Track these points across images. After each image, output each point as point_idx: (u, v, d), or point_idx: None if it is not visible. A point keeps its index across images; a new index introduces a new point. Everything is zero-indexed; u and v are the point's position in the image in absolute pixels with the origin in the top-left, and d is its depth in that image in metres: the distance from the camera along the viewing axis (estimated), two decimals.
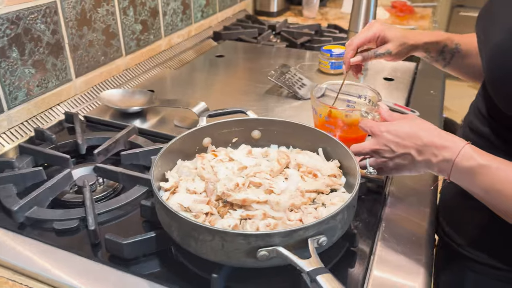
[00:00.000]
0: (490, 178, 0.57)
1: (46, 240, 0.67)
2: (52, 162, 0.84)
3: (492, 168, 0.57)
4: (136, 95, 1.04)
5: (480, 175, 0.57)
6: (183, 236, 0.57)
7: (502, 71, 0.60)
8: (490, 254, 0.72)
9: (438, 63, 0.88)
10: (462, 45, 0.84)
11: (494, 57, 0.62)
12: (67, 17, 0.99)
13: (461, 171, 0.59)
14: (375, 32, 0.83)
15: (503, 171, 0.56)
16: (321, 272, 0.48)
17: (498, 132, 0.69)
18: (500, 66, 0.61)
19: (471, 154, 0.58)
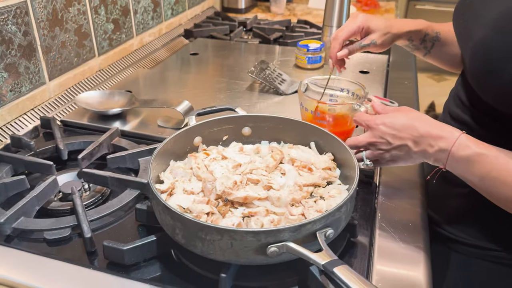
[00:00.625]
0: (486, 166, 0.58)
1: (37, 251, 0.64)
2: (33, 169, 0.80)
3: (489, 156, 0.58)
4: (115, 96, 1.01)
5: (476, 163, 0.59)
6: (189, 238, 0.56)
7: (486, 67, 0.62)
8: (473, 235, 0.76)
9: (419, 52, 0.90)
10: (441, 34, 0.87)
11: (477, 53, 0.64)
12: (39, 18, 0.95)
13: (457, 160, 0.60)
14: (359, 25, 0.84)
15: (499, 158, 0.58)
16: (336, 264, 0.48)
17: (478, 119, 0.72)
18: (484, 62, 0.63)
19: (467, 143, 0.59)
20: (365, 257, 0.63)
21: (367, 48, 0.86)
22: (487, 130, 0.70)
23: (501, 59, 0.60)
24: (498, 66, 0.60)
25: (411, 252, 0.64)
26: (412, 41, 0.87)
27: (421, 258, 0.63)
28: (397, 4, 2.16)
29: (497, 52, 0.60)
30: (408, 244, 0.65)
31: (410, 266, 0.62)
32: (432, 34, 0.87)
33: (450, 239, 0.79)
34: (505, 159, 0.58)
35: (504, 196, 0.58)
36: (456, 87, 0.80)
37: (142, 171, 0.79)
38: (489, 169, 0.58)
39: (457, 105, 0.77)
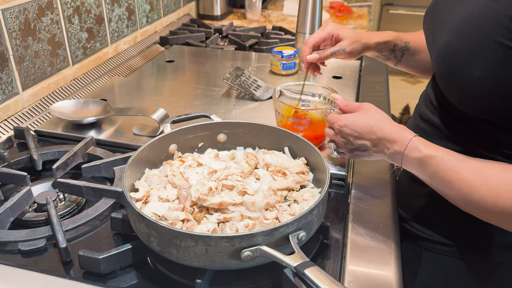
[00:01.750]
0: (433, 167, 0.62)
1: (12, 263, 0.64)
2: (7, 180, 0.80)
3: (436, 158, 0.62)
4: (89, 105, 1.01)
5: (425, 164, 0.63)
6: (164, 245, 0.57)
7: (450, 69, 0.65)
8: (440, 232, 0.79)
9: (390, 61, 0.94)
10: (411, 43, 0.90)
11: (442, 56, 0.67)
12: (10, 28, 0.94)
13: (410, 161, 0.65)
14: (329, 32, 0.87)
15: (445, 160, 0.62)
16: (307, 265, 0.50)
17: (447, 121, 0.75)
18: (448, 65, 0.66)
19: (417, 146, 0.64)
20: (337, 258, 0.65)
21: (337, 55, 0.88)
22: (454, 131, 0.74)
23: (463, 62, 0.63)
24: (460, 69, 0.63)
25: (382, 252, 0.66)
26: (381, 52, 0.91)
27: (392, 258, 0.65)
28: (369, 10, 2.21)
29: (459, 56, 0.63)
30: (379, 244, 0.67)
31: (382, 265, 0.64)
32: (401, 44, 0.90)
33: (419, 236, 0.82)
34: (451, 160, 0.61)
35: (450, 195, 0.62)
36: (427, 89, 0.83)
37: (117, 179, 0.79)
38: (436, 169, 0.62)
39: (427, 107, 0.80)
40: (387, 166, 0.86)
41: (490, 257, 0.74)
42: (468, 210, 0.62)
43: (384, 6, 3.96)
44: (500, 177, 0.58)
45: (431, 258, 0.80)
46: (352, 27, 1.82)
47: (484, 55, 0.60)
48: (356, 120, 0.70)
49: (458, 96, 0.67)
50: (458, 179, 0.60)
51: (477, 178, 0.59)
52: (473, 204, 0.60)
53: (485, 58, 0.60)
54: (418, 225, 0.82)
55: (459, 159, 0.62)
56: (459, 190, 0.60)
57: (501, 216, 0.58)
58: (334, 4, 2.09)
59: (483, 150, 0.69)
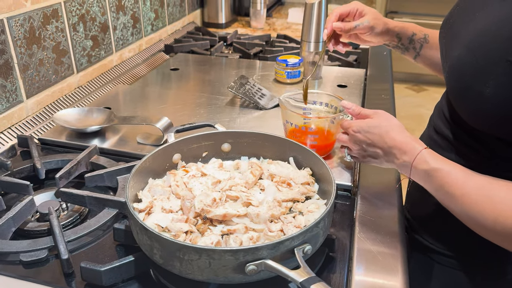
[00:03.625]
0: (439, 180, 0.62)
1: (13, 274, 0.63)
2: (10, 190, 0.79)
3: (442, 171, 0.62)
4: (94, 113, 1.01)
5: (432, 177, 0.63)
6: (167, 258, 0.56)
7: (460, 84, 0.65)
8: (452, 246, 0.77)
9: (409, 53, 0.95)
10: (430, 36, 0.92)
11: (453, 72, 0.67)
12: (15, 36, 0.94)
13: (418, 173, 0.65)
14: (353, 6, 0.91)
15: (451, 174, 0.61)
16: (314, 281, 0.48)
17: (458, 135, 0.74)
18: (458, 80, 0.66)
19: (425, 159, 0.64)
20: (343, 272, 0.64)
21: (360, 30, 0.91)
22: (465, 145, 0.73)
23: (473, 78, 0.62)
24: (470, 85, 0.62)
25: (389, 265, 0.65)
26: (400, 40, 0.92)
27: (398, 270, 0.64)
28: None
29: (469, 72, 0.63)
30: (386, 257, 0.66)
31: (389, 278, 0.63)
32: (420, 35, 0.92)
33: (430, 248, 0.81)
34: (456, 174, 0.61)
35: (454, 209, 0.61)
36: (441, 101, 0.83)
37: (121, 189, 0.78)
38: (441, 183, 0.61)
39: (440, 119, 0.80)
40: (393, 177, 0.85)
41: (502, 273, 0.73)
42: (470, 226, 0.61)
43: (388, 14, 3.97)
44: (505, 196, 0.56)
45: (440, 270, 0.79)
46: None
47: (495, 73, 0.59)
48: (369, 127, 0.71)
49: (468, 112, 0.66)
50: (462, 194, 0.59)
51: (480, 194, 0.58)
52: (473, 220, 0.59)
53: (495, 76, 0.58)
54: (429, 236, 0.81)
55: (465, 174, 0.61)
56: (462, 205, 0.59)
57: (501, 235, 0.56)
58: None
59: (494, 166, 0.67)
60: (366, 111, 0.75)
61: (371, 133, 0.70)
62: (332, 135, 0.85)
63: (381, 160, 0.71)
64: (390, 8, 3.93)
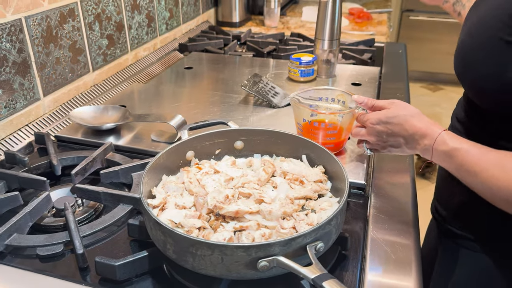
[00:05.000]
0: (459, 160, 0.65)
1: (30, 268, 0.64)
2: (27, 185, 0.81)
3: (461, 150, 0.64)
4: (109, 111, 1.02)
5: (452, 157, 0.65)
6: (180, 253, 0.56)
7: (463, 66, 0.70)
8: (480, 230, 0.78)
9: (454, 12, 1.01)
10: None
11: (458, 54, 0.72)
12: (33, 35, 0.96)
13: (439, 154, 0.67)
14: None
15: (469, 152, 0.64)
16: (326, 278, 0.48)
17: (474, 120, 0.76)
18: (461, 62, 0.71)
19: (445, 140, 0.66)
20: (356, 270, 0.63)
21: None
22: (481, 129, 0.75)
23: (473, 60, 0.68)
24: (471, 66, 0.68)
25: (402, 263, 0.64)
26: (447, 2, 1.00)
27: (412, 268, 0.63)
28: (389, 16, 2.19)
29: (470, 54, 0.68)
30: (399, 255, 0.66)
31: (402, 277, 0.62)
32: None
33: (457, 235, 0.82)
34: (475, 152, 0.63)
35: (476, 186, 0.63)
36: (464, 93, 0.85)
37: (135, 186, 0.79)
38: (461, 162, 0.64)
39: (461, 108, 0.82)
40: (407, 175, 0.84)
41: None
42: (494, 202, 0.62)
43: (404, 12, 3.92)
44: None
45: (469, 256, 0.80)
46: (371, 33, 1.80)
47: (491, 52, 0.63)
48: (388, 118, 0.73)
49: (472, 90, 0.71)
50: (480, 170, 0.61)
51: (498, 168, 0.60)
52: (494, 194, 0.61)
53: (492, 55, 0.63)
54: (459, 225, 0.82)
55: (483, 151, 0.63)
56: (481, 181, 0.62)
57: None
58: (354, 10, 2.07)
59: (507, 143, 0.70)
60: (380, 102, 0.77)
61: (391, 123, 0.72)
62: (343, 131, 0.85)
63: (403, 148, 0.73)
64: (405, 7, 3.89)
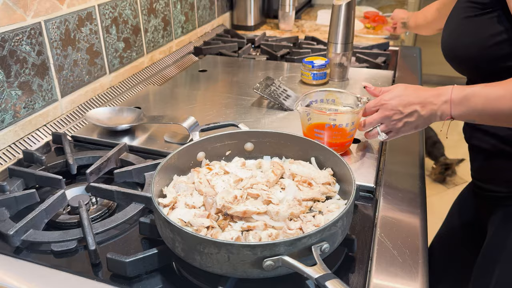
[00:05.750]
0: (482, 97, 0.72)
1: (45, 263, 0.66)
2: (44, 183, 0.83)
3: (478, 87, 0.73)
4: (124, 112, 1.04)
5: (474, 97, 0.73)
6: (188, 251, 0.58)
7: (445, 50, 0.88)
8: None
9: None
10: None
11: (442, 43, 0.89)
12: (52, 38, 0.99)
13: (458, 103, 0.74)
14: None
15: (487, 86, 0.73)
16: (329, 278, 0.49)
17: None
18: (444, 48, 0.88)
19: (460, 88, 0.75)
20: (362, 272, 0.64)
21: None
22: None
23: (449, 42, 0.87)
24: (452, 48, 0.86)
25: (409, 267, 0.64)
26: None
27: (418, 273, 0.64)
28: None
29: (446, 40, 0.88)
30: (406, 259, 0.66)
31: (407, 281, 0.62)
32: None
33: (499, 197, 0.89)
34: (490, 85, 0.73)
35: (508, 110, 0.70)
36: None
37: (147, 185, 0.81)
38: (486, 97, 0.72)
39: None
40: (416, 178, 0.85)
41: None
42: None
43: None
44: None
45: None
46: (386, 37, 1.80)
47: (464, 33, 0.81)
48: (399, 92, 0.80)
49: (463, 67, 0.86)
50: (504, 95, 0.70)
51: None
52: None
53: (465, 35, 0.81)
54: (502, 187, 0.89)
55: (497, 83, 0.72)
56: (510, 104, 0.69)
57: None
58: (369, 14, 2.07)
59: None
60: (385, 88, 0.85)
61: (405, 95, 0.79)
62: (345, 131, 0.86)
63: (419, 117, 0.78)
64: None
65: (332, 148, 0.76)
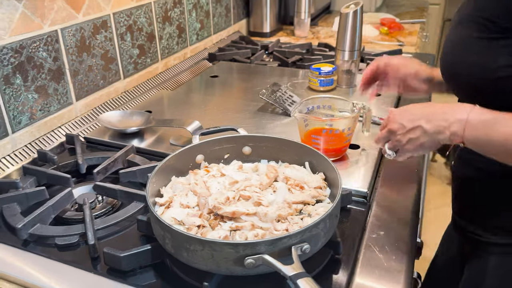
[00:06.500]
0: (508, 126, 0.61)
1: (49, 255, 0.71)
2: (54, 181, 0.89)
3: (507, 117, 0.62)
4: (134, 116, 1.09)
5: (497, 124, 0.62)
6: (176, 247, 0.61)
7: (445, 72, 0.78)
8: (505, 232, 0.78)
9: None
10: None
11: (441, 63, 0.79)
12: (68, 45, 1.05)
13: (475, 127, 0.63)
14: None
15: None
16: (302, 276, 0.52)
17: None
18: (444, 70, 0.78)
19: (482, 110, 0.64)
20: (346, 274, 0.66)
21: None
22: None
23: (451, 64, 0.75)
24: (453, 70, 0.75)
25: (393, 271, 0.66)
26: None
27: (402, 277, 0.65)
28: (423, 27, 2.16)
29: (448, 60, 0.76)
30: (392, 264, 0.67)
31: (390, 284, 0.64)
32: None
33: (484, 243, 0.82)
34: None
35: None
36: None
37: None
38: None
39: None
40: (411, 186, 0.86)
41: None
42: None
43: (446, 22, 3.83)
44: None
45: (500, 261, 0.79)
46: (400, 43, 1.80)
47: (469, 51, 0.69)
48: (407, 108, 0.74)
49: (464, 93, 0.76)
50: None
51: None
52: None
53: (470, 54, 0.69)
54: (483, 231, 0.82)
55: None
56: None
57: None
58: (385, 20, 2.07)
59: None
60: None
61: (412, 109, 0.72)
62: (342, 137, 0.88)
63: (425, 134, 0.69)
64: (447, 16, 3.80)
65: (329, 153, 0.78)
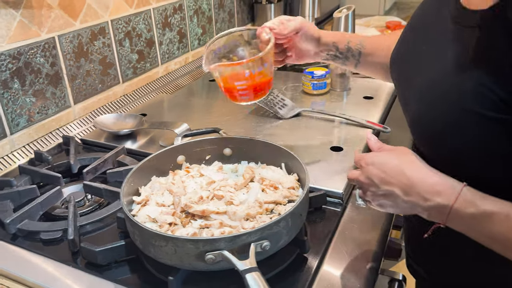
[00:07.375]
0: (496, 226, 0.52)
1: (34, 249, 0.75)
2: (46, 180, 0.93)
3: (500, 215, 0.51)
4: (128, 118, 1.14)
5: (485, 222, 0.52)
6: (144, 243, 0.64)
7: (424, 139, 0.63)
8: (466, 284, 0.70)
9: (349, 63, 0.88)
10: (366, 42, 0.86)
11: (415, 127, 0.64)
12: (65, 51, 1.10)
13: (461, 217, 0.54)
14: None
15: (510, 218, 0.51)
16: (251, 270, 0.54)
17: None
18: (421, 135, 0.63)
19: (472, 200, 0.53)
20: (311, 271, 0.67)
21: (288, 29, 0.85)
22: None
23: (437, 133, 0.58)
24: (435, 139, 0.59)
25: (356, 272, 0.68)
26: (337, 48, 0.86)
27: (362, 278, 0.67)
28: None
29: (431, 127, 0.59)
30: (356, 264, 0.69)
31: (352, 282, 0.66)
32: (355, 41, 0.86)
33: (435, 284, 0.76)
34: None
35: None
36: None
37: None
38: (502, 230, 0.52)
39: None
40: None
41: None
42: None
43: None
44: None
45: None
46: None
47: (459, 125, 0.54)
48: (385, 158, 0.61)
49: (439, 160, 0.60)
50: None
51: None
52: None
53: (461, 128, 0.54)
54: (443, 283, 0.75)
55: None
56: None
57: None
58: (391, 23, 2.07)
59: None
60: (386, 146, 0.65)
61: (387, 166, 0.59)
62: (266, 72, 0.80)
63: (397, 203, 0.59)
64: None
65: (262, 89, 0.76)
